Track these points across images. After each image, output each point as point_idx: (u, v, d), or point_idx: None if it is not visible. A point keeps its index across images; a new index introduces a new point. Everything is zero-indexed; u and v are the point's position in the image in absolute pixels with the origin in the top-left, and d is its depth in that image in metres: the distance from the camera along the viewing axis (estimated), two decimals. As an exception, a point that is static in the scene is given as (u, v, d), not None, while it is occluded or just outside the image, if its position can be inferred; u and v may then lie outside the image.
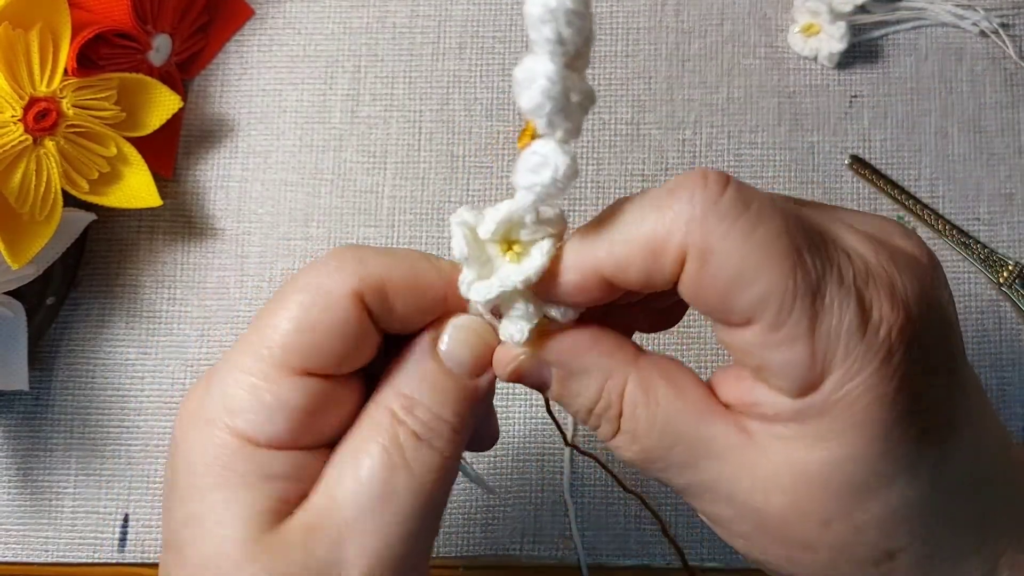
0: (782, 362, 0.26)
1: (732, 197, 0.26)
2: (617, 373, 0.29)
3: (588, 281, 0.28)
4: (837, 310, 0.25)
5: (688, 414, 0.28)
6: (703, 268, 0.26)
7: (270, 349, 0.28)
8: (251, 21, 0.58)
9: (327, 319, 0.29)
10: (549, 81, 0.24)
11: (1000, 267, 0.52)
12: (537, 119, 0.25)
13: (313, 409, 0.29)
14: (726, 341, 0.27)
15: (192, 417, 0.29)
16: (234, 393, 0.29)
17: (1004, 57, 0.55)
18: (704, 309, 0.27)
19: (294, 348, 0.28)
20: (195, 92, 0.57)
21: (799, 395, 0.26)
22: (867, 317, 0.25)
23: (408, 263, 0.30)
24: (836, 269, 0.26)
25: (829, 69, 0.55)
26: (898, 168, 0.54)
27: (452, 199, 0.55)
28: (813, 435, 0.26)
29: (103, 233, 0.55)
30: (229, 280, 0.54)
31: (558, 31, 0.24)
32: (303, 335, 0.29)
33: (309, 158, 0.56)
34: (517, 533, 0.50)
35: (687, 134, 0.55)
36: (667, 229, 0.26)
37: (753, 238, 0.25)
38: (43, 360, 0.53)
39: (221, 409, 0.29)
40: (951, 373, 0.27)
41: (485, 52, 0.56)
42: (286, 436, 0.29)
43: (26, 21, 0.45)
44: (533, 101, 0.25)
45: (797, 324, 0.25)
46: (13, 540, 0.52)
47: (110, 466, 0.52)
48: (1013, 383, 0.51)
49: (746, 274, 0.25)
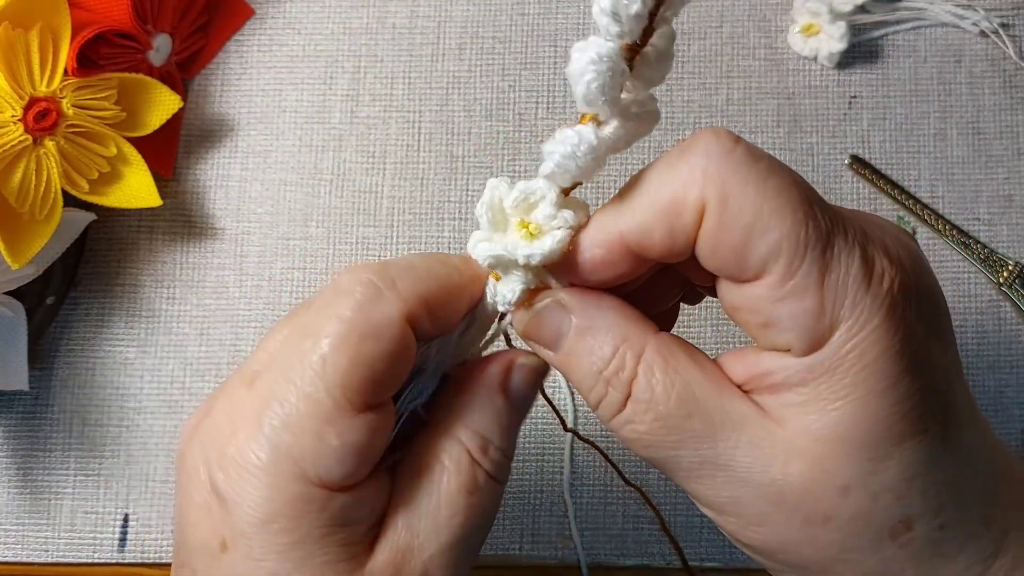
0: (792, 314, 0.26)
1: (744, 149, 0.26)
2: (635, 337, 0.29)
3: (613, 254, 0.28)
4: (845, 261, 0.26)
5: (707, 383, 0.28)
6: (722, 217, 0.26)
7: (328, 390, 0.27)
8: (251, 21, 0.58)
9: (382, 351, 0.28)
10: (597, 55, 0.25)
11: (1000, 267, 0.52)
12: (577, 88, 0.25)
13: (372, 440, 0.29)
14: (735, 303, 0.27)
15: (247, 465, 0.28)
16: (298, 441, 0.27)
17: (1004, 58, 0.55)
18: (719, 263, 0.27)
19: (354, 386, 0.28)
20: (195, 92, 0.57)
21: (808, 351, 0.26)
22: (871, 270, 0.26)
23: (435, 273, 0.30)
24: (841, 225, 0.26)
25: (829, 70, 0.55)
26: (897, 169, 0.54)
27: (451, 199, 0.55)
28: (826, 396, 0.26)
29: (103, 233, 0.55)
30: (228, 280, 0.54)
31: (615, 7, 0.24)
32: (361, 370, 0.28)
33: (308, 158, 0.56)
34: (516, 533, 0.50)
35: (687, 135, 0.55)
36: (684, 184, 0.26)
37: (768, 186, 0.26)
38: (43, 360, 0.53)
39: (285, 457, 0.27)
40: (946, 345, 0.28)
41: (485, 53, 0.57)
42: (353, 475, 0.28)
43: (26, 21, 0.45)
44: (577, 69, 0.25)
45: (807, 274, 0.25)
46: (12, 540, 0.52)
47: (110, 465, 0.52)
48: (1012, 384, 0.51)
49: (761, 221, 0.26)
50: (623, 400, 0.28)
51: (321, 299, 0.29)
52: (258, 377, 0.29)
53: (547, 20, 0.57)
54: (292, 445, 0.27)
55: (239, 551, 0.28)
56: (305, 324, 0.29)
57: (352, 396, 0.28)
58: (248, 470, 0.28)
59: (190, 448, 0.30)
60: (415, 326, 0.29)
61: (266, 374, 0.29)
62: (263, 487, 0.27)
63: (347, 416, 0.28)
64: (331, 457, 0.27)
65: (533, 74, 0.56)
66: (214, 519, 0.28)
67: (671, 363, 0.28)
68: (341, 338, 0.28)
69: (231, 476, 0.28)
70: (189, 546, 0.29)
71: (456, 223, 0.54)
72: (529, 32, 0.57)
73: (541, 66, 0.56)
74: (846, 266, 0.26)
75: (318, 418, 0.27)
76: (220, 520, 0.28)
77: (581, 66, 0.25)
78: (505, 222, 0.29)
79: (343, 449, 0.28)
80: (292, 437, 0.27)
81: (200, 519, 0.29)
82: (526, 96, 0.56)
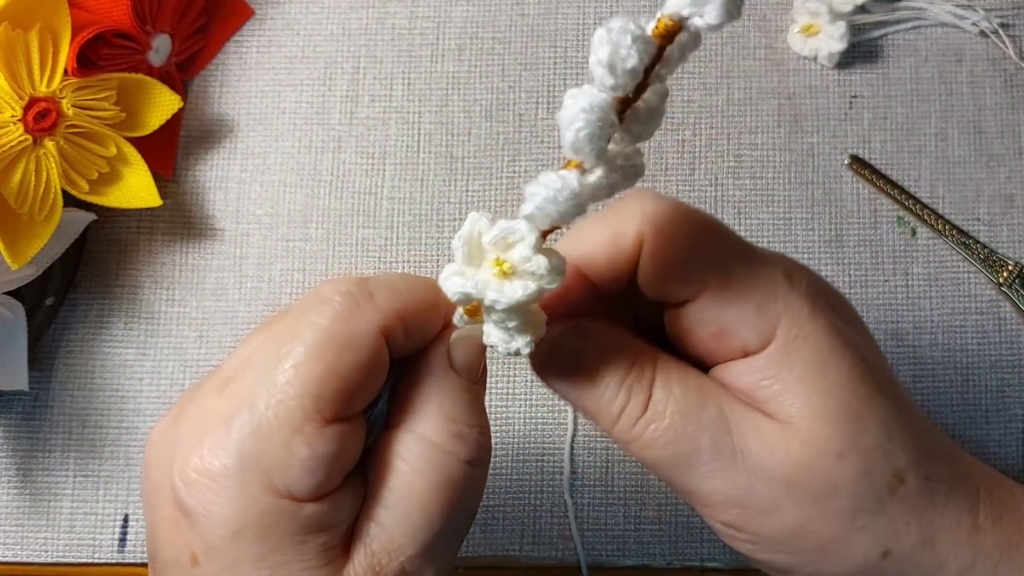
0: (740, 316, 0.29)
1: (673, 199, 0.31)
2: (647, 353, 0.31)
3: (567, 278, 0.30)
4: (768, 269, 0.30)
5: (712, 384, 0.31)
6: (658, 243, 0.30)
7: (300, 398, 0.27)
8: (250, 22, 0.58)
9: (357, 362, 0.28)
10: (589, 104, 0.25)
11: (1000, 267, 0.51)
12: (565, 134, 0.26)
13: (343, 451, 0.28)
14: (685, 324, 0.30)
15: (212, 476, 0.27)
16: (266, 450, 0.27)
17: (1004, 58, 0.55)
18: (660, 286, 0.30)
19: (327, 396, 0.27)
20: (195, 92, 0.57)
21: (762, 345, 0.29)
22: (789, 275, 0.30)
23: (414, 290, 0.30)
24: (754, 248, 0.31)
25: (829, 70, 0.55)
26: (898, 169, 0.54)
27: (451, 200, 0.55)
28: (792, 379, 0.29)
29: (103, 233, 0.55)
30: (228, 281, 0.54)
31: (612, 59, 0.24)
32: (334, 381, 0.27)
33: (308, 159, 0.56)
34: (517, 533, 0.50)
35: (687, 135, 0.55)
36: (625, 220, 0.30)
37: (695, 218, 0.30)
38: (42, 360, 0.53)
39: (253, 467, 0.27)
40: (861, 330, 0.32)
41: (484, 54, 0.57)
42: (323, 486, 0.28)
43: (26, 21, 0.45)
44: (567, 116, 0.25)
45: (742, 281, 0.29)
46: (12, 540, 0.52)
47: (109, 466, 0.52)
48: (1013, 383, 0.51)
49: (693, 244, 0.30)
50: (645, 403, 0.30)
51: (299, 306, 0.29)
52: (229, 382, 0.28)
53: (547, 20, 0.57)
54: (260, 454, 0.27)
55: (212, 564, 0.27)
56: (281, 330, 0.29)
57: (323, 407, 0.27)
58: (215, 480, 0.27)
59: (154, 457, 0.29)
60: (390, 340, 0.29)
61: (237, 379, 0.28)
62: (231, 499, 0.27)
63: (317, 426, 0.27)
64: (299, 468, 0.27)
65: (533, 75, 0.56)
66: (182, 533, 0.28)
67: (682, 367, 0.31)
68: (317, 347, 0.27)
69: (196, 488, 0.27)
70: (162, 561, 0.29)
71: (456, 224, 0.54)
72: (529, 33, 0.57)
73: (541, 67, 0.56)
74: (770, 272, 0.30)
75: (288, 427, 0.27)
76: (189, 534, 0.27)
77: (572, 113, 0.25)
78: (481, 257, 0.29)
79: (312, 461, 0.27)
80: (260, 445, 0.27)
81: (169, 533, 0.28)
82: (526, 97, 0.56)
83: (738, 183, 0.54)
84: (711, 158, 0.54)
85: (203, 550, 0.27)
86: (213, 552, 0.27)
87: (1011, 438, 0.50)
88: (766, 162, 0.54)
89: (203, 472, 0.27)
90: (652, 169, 0.54)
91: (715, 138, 0.55)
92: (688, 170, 0.54)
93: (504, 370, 0.52)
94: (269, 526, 0.27)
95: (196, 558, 0.27)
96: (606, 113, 0.25)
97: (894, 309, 0.52)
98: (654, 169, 0.54)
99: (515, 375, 0.52)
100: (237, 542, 0.27)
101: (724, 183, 0.54)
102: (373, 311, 0.28)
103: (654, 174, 0.54)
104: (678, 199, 0.31)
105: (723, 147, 0.55)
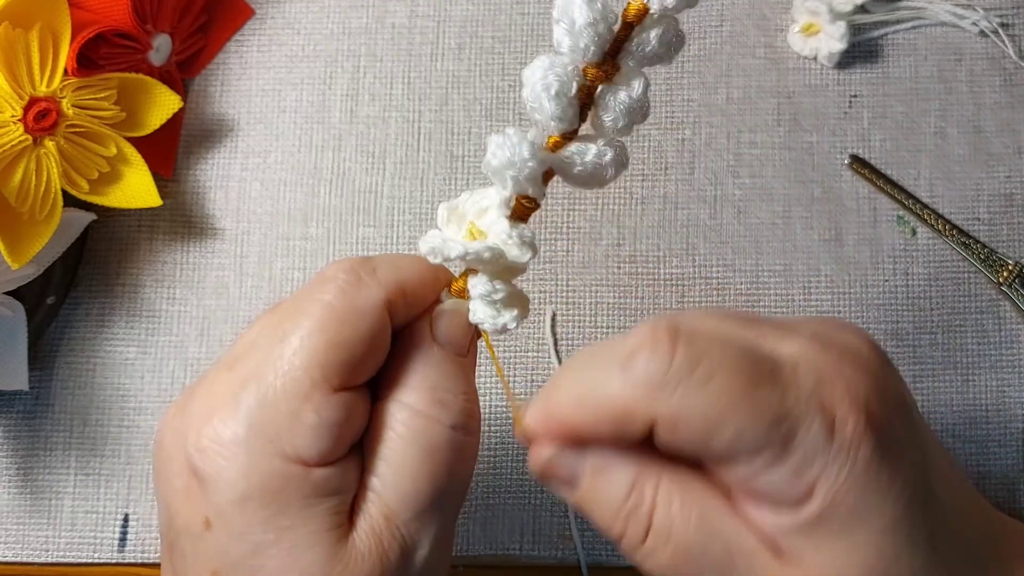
0: (770, 485, 0.27)
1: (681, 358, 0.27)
2: (650, 470, 0.29)
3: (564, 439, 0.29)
4: (804, 423, 0.27)
5: (723, 512, 0.29)
6: (673, 433, 0.27)
7: (306, 368, 0.28)
8: (251, 21, 0.58)
9: (361, 333, 0.29)
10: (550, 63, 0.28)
11: (1000, 267, 0.51)
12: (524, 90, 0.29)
13: (350, 419, 0.29)
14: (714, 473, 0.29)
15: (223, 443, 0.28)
16: (275, 418, 0.28)
17: (1003, 57, 0.55)
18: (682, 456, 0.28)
19: (333, 366, 0.29)
20: (195, 92, 0.57)
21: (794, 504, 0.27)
22: (831, 422, 0.27)
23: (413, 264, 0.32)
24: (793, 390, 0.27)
25: (829, 69, 0.55)
26: (897, 168, 0.54)
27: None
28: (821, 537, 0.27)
29: (103, 233, 0.55)
30: (228, 279, 0.54)
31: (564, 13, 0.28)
32: (340, 351, 0.29)
33: (308, 158, 0.56)
34: (516, 532, 0.50)
35: (686, 134, 0.55)
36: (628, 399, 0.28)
37: (711, 389, 0.27)
38: (43, 360, 0.53)
39: (260, 434, 0.28)
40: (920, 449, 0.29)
41: (484, 52, 0.57)
42: (331, 453, 0.29)
43: (26, 21, 0.45)
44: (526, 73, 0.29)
45: (772, 451, 0.27)
46: (12, 540, 0.52)
47: (110, 465, 0.52)
48: (1013, 383, 0.51)
49: (712, 426, 0.27)
50: (644, 533, 0.29)
51: (305, 288, 0.31)
52: (238, 360, 0.30)
53: (547, 20, 0.57)
54: (268, 423, 0.28)
55: (223, 527, 0.28)
56: (287, 309, 0.30)
57: (330, 375, 0.28)
58: (225, 447, 0.28)
59: (166, 435, 0.30)
60: (393, 313, 0.30)
61: (246, 356, 0.30)
62: (240, 463, 0.28)
63: (324, 393, 0.28)
64: (308, 435, 0.28)
65: (533, 74, 0.56)
66: (195, 500, 0.29)
67: (688, 492, 0.29)
68: (322, 321, 0.29)
69: (208, 455, 0.28)
70: (176, 530, 0.30)
71: (456, 223, 0.54)
72: (529, 32, 0.57)
73: (541, 66, 0.56)
74: (805, 428, 0.27)
75: (296, 396, 0.28)
76: (201, 500, 0.28)
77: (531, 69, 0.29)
78: (460, 224, 0.32)
79: (320, 427, 0.28)
80: (268, 415, 0.28)
81: (182, 503, 0.29)
82: (526, 96, 0.56)
83: (737, 182, 0.54)
84: (710, 156, 0.54)
85: (215, 514, 0.28)
86: (224, 516, 0.28)
87: (1011, 438, 0.50)
88: (765, 161, 0.54)
89: (215, 439, 0.28)
90: (652, 168, 0.54)
91: (714, 137, 0.55)
92: (688, 169, 0.54)
93: (504, 370, 0.52)
94: (277, 490, 0.28)
95: (209, 522, 0.28)
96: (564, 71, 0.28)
97: (894, 309, 0.52)
98: (654, 168, 0.54)
99: (515, 375, 0.52)
100: (246, 505, 0.28)
101: (723, 182, 0.54)
102: (376, 285, 0.30)
103: (654, 173, 0.54)
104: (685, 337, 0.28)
105: (722, 146, 0.55)
